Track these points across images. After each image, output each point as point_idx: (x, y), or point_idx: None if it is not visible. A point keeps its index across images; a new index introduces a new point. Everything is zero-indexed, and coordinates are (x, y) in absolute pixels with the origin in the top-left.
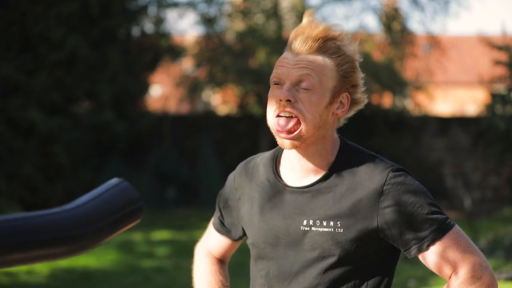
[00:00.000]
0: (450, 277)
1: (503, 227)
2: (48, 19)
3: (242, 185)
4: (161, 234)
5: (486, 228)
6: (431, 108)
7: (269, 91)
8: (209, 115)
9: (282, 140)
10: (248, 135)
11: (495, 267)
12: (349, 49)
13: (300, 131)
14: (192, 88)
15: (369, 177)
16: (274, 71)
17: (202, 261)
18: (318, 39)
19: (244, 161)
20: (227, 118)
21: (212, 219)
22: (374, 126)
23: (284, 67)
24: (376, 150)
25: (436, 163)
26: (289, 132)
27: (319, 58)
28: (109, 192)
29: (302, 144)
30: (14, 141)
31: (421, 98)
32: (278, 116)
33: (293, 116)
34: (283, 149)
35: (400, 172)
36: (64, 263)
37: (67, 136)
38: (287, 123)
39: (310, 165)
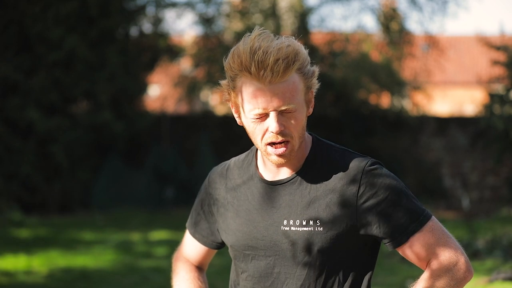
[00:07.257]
0: (426, 267)
1: (502, 227)
2: (46, 19)
3: (217, 189)
4: (159, 234)
5: (484, 228)
6: (429, 108)
7: (250, 122)
8: (207, 115)
9: (276, 162)
10: (246, 135)
11: (493, 267)
12: (305, 54)
13: (292, 149)
14: (190, 88)
15: (345, 173)
16: (250, 104)
17: (180, 268)
18: (286, 63)
19: (218, 166)
20: (225, 118)
21: (187, 226)
22: (373, 126)
23: (262, 98)
24: (374, 150)
25: (434, 163)
26: (284, 155)
27: (290, 79)
28: None
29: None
30: (13, 141)
31: (419, 98)
32: (271, 144)
33: (286, 141)
34: (257, 150)
35: (375, 166)
36: (62, 263)
37: (66, 136)
38: (282, 148)
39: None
